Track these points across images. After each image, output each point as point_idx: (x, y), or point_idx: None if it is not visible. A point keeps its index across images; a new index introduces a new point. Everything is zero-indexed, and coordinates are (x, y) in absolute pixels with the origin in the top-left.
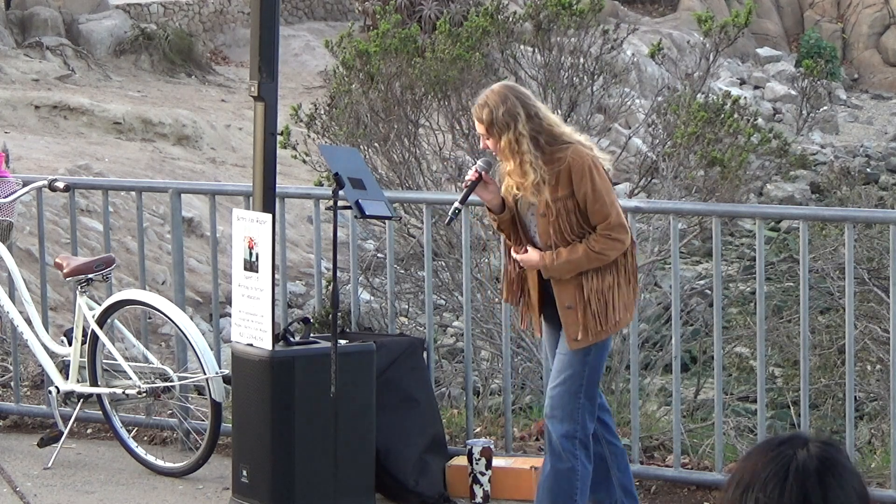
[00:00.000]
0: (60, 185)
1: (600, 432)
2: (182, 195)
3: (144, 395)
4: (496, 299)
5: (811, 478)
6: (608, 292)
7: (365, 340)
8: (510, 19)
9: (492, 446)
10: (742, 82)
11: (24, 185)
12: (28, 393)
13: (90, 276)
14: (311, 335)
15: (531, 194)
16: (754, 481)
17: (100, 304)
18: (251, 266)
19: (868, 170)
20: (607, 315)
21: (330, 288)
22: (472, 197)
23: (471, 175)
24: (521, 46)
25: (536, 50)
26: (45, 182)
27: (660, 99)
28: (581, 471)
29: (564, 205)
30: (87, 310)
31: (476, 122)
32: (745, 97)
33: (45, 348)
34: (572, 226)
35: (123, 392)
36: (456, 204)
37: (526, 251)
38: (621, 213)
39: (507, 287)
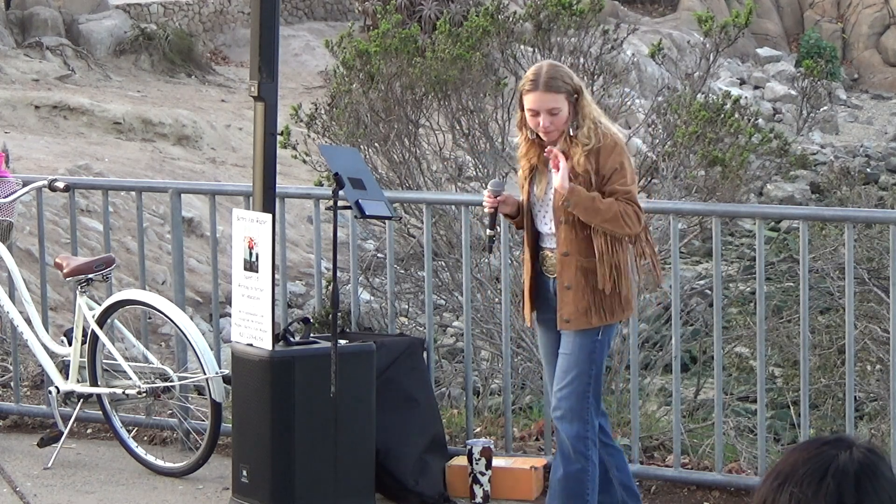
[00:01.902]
0: (60, 185)
1: (600, 437)
2: (182, 195)
3: (144, 395)
4: (496, 299)
5: (848, 480)
6: (610, 281)
7: (365, 340)
8: (510, 19)
9: (492, 446)
10: (742, 82)
11: (24, 185)
12: (28, 393)
13: (90, 276)
14: (311, 335)
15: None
16: (792, 476)
17: (100, 304)
18: (251, 266)
19: (868, 170)
20: (605, 302)
21: (330, 288)
22: (468, 196)
23: (489, 202)
24: (521, 46)
25: (536, 50)
26: (45, 182)
27: (660, 99)
28: (591, 470)
29: (586, 178)
30: (87, 310)
31: (557, 96)
32: (746, 97)
33: (45, 348)
34: None
35: (123, 392)
36: (489, 232)
37: (564, 163)
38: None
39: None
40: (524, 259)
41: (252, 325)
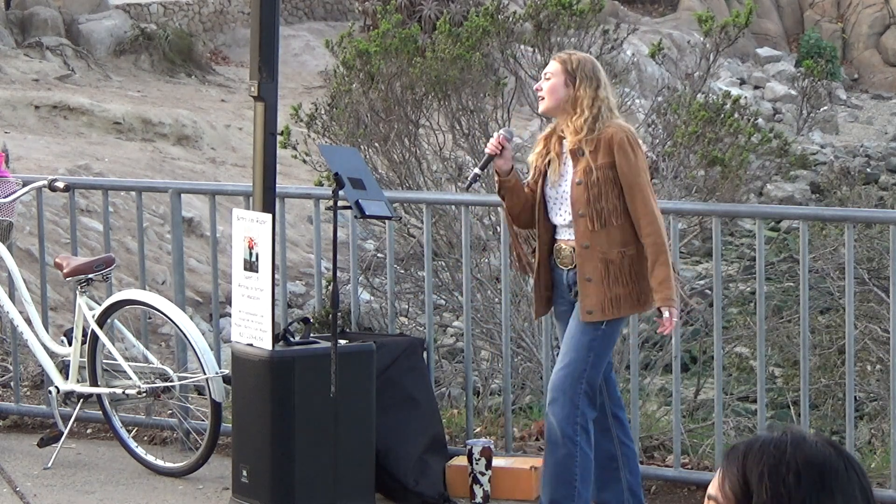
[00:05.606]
0: (60, 185)
1: (615, 430)
2: (182, 195)
3: (144, 395)
4: (496, 299)
5: (857, 463)
6: (630, 274)
7: (365, 340)
8: (510, 19)
9: (492, 446)
10: (742, 82)
11: (24, 185)
12: (28, 393)
13: (90, 276)
14: (311, 335)
15: (562, 155)
16: (830, 486)
17: (100, 304)
18: (251, 266)
19: (868, 170)
20: (626, 294)
21: (330, 288)
22: (468, 196)
23: (494, 144)
24: (521, 46)
25: (536, 50)
26: (45, 182)
27: (660, 99)
28: (580, 456)
29: (605, 174)
30: (87, 310)
31: (556, 64)
32: (746, 97)
33: (45, 348)
34: (608, 195)
35: (123, 392)
36: (476, 171)
37: (670, 323)
38: (655, 197)
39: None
40: (537, 255)
41: (252, 325)
